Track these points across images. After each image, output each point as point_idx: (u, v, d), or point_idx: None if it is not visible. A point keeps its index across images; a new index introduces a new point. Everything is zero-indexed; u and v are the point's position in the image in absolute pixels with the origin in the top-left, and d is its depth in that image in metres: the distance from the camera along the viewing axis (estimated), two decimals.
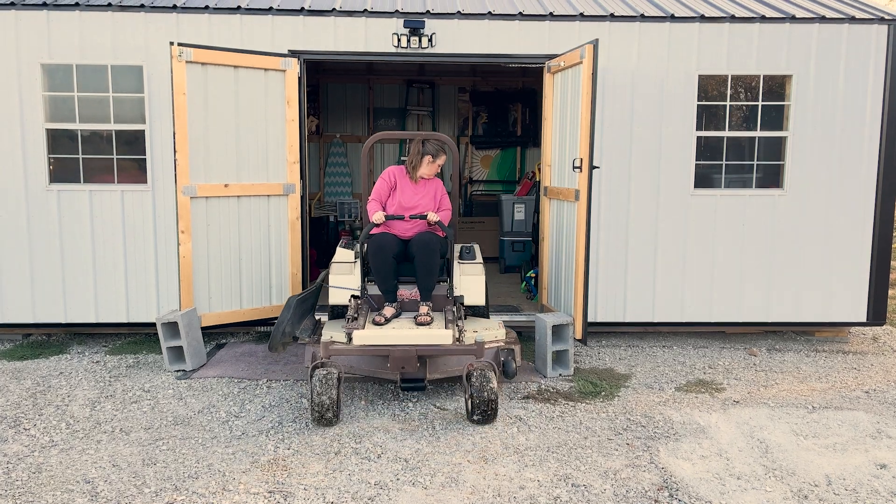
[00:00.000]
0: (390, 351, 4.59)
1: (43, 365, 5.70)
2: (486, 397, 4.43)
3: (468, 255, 5.48)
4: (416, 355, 4.60)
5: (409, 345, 4.62)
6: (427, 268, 5.08)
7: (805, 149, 6.27)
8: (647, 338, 6.68)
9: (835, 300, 6.44)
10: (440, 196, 5.42)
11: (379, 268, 5.09)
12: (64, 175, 6.07)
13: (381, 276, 5.12)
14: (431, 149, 5.27)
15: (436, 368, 4.80)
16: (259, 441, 4.25)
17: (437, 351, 4.63)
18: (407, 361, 4.59)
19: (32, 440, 4.25)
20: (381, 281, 5.14)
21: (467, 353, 4.64)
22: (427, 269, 5.09)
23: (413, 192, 5.33)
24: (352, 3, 6.40)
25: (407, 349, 4.59)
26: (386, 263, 5.07)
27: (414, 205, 5.29)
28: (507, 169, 10.46)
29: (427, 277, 5.11)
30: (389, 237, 5.14)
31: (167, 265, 6.14)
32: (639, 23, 6.14)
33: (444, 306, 5.26)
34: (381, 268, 5.09)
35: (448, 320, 4.99)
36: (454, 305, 5.18)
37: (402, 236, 5.26)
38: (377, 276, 5.15)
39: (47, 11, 5.89)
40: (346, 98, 10.22)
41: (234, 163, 5.89)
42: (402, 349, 4.59)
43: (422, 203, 5.31)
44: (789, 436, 4.42)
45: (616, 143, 6.22)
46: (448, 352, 4.64)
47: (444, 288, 5.30)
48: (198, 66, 5.59)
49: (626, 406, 4.90)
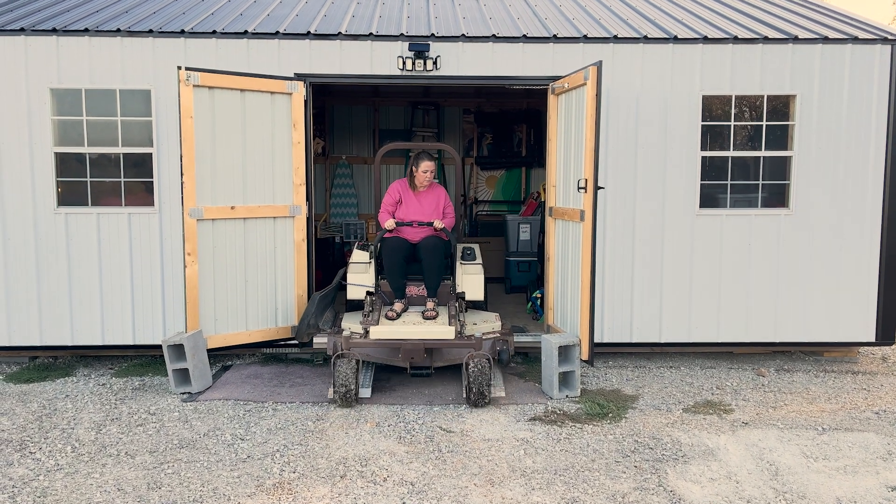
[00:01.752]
0: (401, 344, 5.25)
1: (49, 387, 5.70)
2: (481, 383, 5.11)
3: (469, 257, 6.17)
4: (424, 348, 5.25)
5: (418, 339, 5.26)
6: (433, 268, 5.85)
7: (810, 168, 6.28)
8: (655, 358, 6.64)
9: (843, 320, 6.40)
10: (444, 204, 6.16)
11: (391, 267, 5.88)
12: (72, 198, 6.11)
13: (392, 274, 5.89)
14: (417, 160, 6.04)
15: (440, 357, 5.45)
16: (264, 464, 4.23)
17: (442, 344, 5.30)
18: (416, 353, 5.27)
19: (38, 464, 4.24)
20: (393, 279, 5.90)
21: (467, 346, 5.27)
22: (433, 269, 5.85)
23: (417, 201, 6.10)
24: (357, 27, 6.47)
25: (416, 343, 5.24)
26: (397, 263, 5.86)
27: (418, 213, 6.03)
28: (512, 189, 10.48)
29: (433, 276, 5.87)
30: (400, 240, 5.95)
31: (173, 287, 6.16)
32: (642, 44, 6.18)
33: (447, 301, 5.95)
34: (392, 267, 5.87)
35: (451, 315, 5.63)
36: (456, 301, 5.85)
37: (411, 240, 6.04)
38: (389, 275, 5.93)
39: (57, 37, 5.97)
40: (351, 120, 10.29)
41: (241, 185, 5.92)
42: (412, 342, 5.24)
43: (426, 211, 6.04)
44: (799, 458, 4.38)
45: (621, 163, 6.23)
46: (451, 345, 5.29)
47: (448, 285, 6.04)
48: (205, 90, 5.64)
49: (633, 428, 4.86)
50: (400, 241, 5.94)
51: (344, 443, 4.54)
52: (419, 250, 5.93)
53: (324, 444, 4.52)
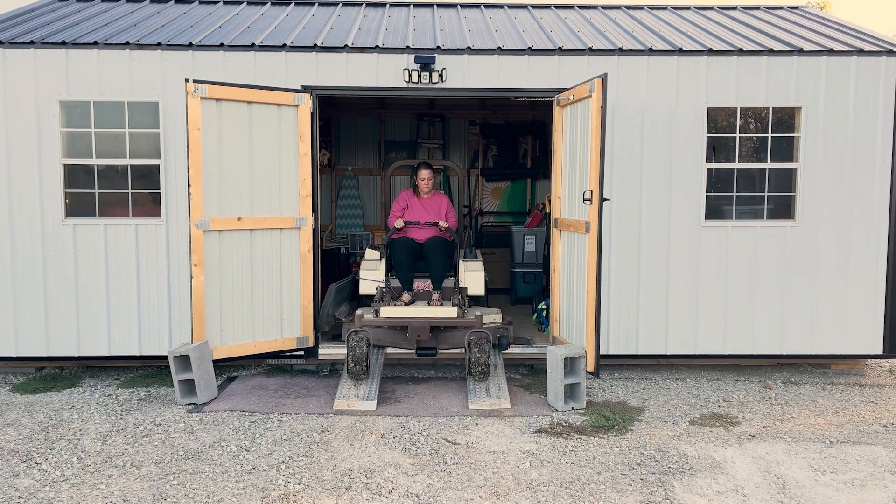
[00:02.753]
0: (409, 322, 5.79)
1: (55, 398, 5.72)
2: (481, 359, 5.54)
3: (471, 255, 6.75)
4: (429, 326, 5.79)
5: (424, 317, 5.82)
6: (438, 263, 6.46)
7: (816, 180, 6.27)
8: (661, 370, 6.62)
9: (850, 332, 6.37)
10: (446, 209, 6.83)
11: (399, 263, 6.50)
12: (79, 209, 6.15)
13: (401, 268, 6.50)
14: (417, 169, 6.80)
15: (444, 341, 5.90)
16: (269, 476, 4.23)
17: (445, 322, 5.83)
18: (422, 331, 5.78)
19: (44, 475, 4.24)
20: (401, 272, 6.50)
21: (469, 325, 5.80)
22: (438, 264, 6.46)
23: (421, 206, 6.82)
24: (363, 40, 6.51)
25: (422, 321, 5.79)
26: (405, 259, 6.48)
27: (423, 216, 6.74)
28: (517, 200, 10.50)
29: (438, 270, 6.47)
30: (408, 239, 6.63)
31: (180, 298, 6.18)
32: (647, 57, 6.21)
33: (451, 296, 6.45)
34: (401, 262, 6.50)
35: (454, 304, 6.16)
36: (459, 295, 6.34)
37: (417, 240, 6.68)
38: (398, 269, 6.52)
39: (66, 50, 6.02)
40: (357, 131, 10.33)
41: (248, 196, 5.95)
42: (418, 320, 5.79)
43: (430, 215, 6.75)
44: (807, 471, 4.35)
45: (626, 174, 6.24)
46: (454, 324, 5.83)
47: (452, 281, 6.61)
48: (212, 102, 5.68)
49: (639, 440, 4.84)
50: (408, 239, 6.64)
51: (349, 454, 4.53)
52: (425, 248, 6.56)
53: (329, 456, 4.51)
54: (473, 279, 6.48)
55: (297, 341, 6.26)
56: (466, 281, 6.50)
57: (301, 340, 6.27)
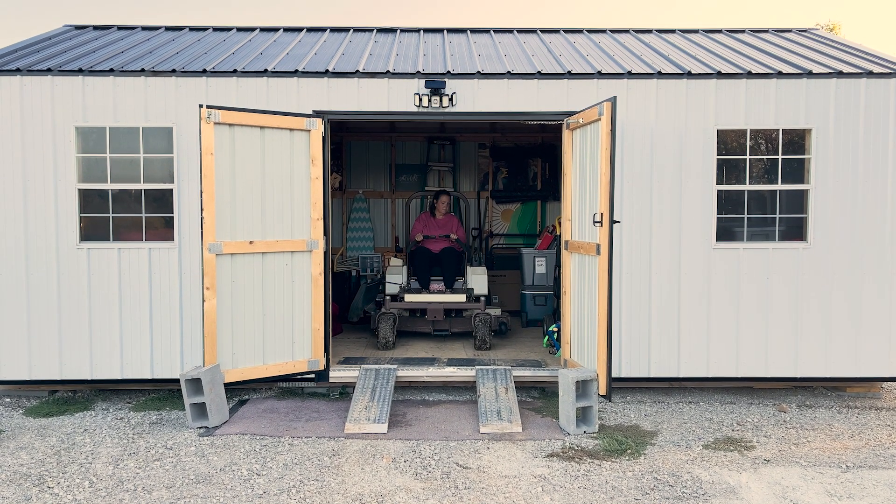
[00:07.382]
0: (427, 305, 7.67)
1: (68, 422, 5.74)
2: (483, 331, 7.23)
3: (476, 263, 8.66)
4: (443, 309, 7.68)
5: (440, 301, 7.68)
6: (450, 267, 8.05)
7: (828, 201, 6.25)
8: (673, 393, 6.57)
9: (864, 354, 6.31)
10: (456, 227, 8.39)
11: (418, 268, 8.11)
12: (94, 233, 6.22)
13: (420, 271, 8.09)
14: (438, 195, 8.47)
15: (456, 324, 7.70)
16: (280, 500, 4.21)
17: (457, 306, 7.69)
18: (437, 313, 7.66)
19: (56, 498, 4.25)
20: (420, 274, 8.08)
21: (475, 306, 7.66)
22: (450, 268, 8.05)
23: (436, 225, 8.38)
24: (374, 65, 6.59)
25: (438, 304, 7.67)
26: (424, 264, 8.10)
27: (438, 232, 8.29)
28: (527, 223, 10.51)
29: (450, 272, 8.03)
30: (426, 250, 8.22)
31: (192, 321, 6.21)
32: (656, 80, 6.24)
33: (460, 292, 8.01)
34: (420, 266, 8.10)
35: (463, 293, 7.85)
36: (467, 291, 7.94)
37: (433, 250, 8.24)
38: (418, 272, 8.10)
39: (83, 77, 6.13)
40: (368, 155, 10.41)
41: (260, 220, 5.99)
42: (435, 303, 7.67)
43: (444, 232, 8.31)
44: (823, 497, 4.29)
45: (636, 197, 6.25)
46: (463, 307, 7.71)
47: (461, 283, 8.12)
48: (225, 127, 5.75)
49: (652, 464, 4.79)
50: (426, 250, 8.22)
51: (360, 478, 4.52)
52: (440, 256, 8.14)
53: (340, 480, 4.50)
54: (478, 281, 8.11)
55: (309, 364, 6.27)
56: (473, 282, 8.11)
57: (312, 363, 6.27)
